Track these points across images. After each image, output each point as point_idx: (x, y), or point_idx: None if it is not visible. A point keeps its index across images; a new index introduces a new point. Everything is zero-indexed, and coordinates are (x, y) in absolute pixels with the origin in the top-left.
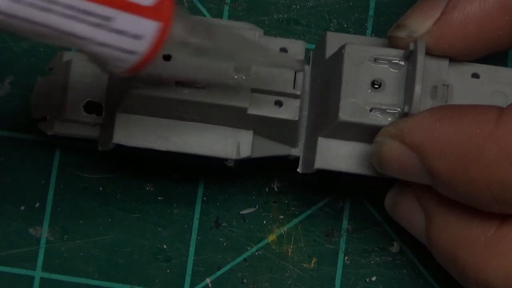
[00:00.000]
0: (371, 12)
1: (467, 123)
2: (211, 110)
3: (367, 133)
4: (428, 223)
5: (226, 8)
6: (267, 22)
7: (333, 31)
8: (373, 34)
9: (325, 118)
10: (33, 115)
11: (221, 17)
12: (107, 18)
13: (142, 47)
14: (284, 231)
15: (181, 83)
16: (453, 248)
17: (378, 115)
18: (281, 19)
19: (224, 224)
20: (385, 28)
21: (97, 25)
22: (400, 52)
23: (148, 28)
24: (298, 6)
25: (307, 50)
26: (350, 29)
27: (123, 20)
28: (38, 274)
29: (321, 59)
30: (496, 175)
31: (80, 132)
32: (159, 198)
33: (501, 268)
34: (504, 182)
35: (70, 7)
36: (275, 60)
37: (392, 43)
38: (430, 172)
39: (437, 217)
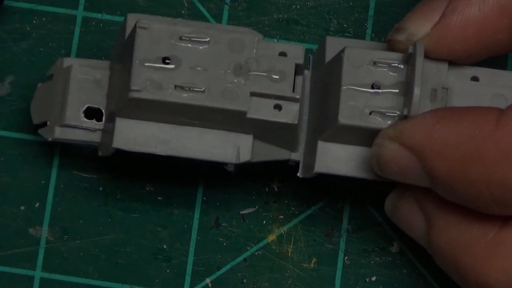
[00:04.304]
0: (371, 12)
1: (466, 124)
2: (210, 114)
3: (367, 137)
4: (429, 226)
5: (226, 8)
6: (267, 22)
7: (333, 31)
8: (373, 34)
9: (325, 122)
10: (34, 121)
11: (221, 17)
12: None
13: None
14: (284, 231)
15: (180, 87)
16: (453, 252)
17: (378, 118)
18: (281, 19)
19: (224, 224)
20: (385, 28)
21: None
22: (399, 55)
23: None
24: (298, 6)
25: (308, 51)
26: (350, 29)
27: None
28: (38, 274)
29: (321, 63)
30: (496, 176)
31: (80, 138)
32: (159, 198)
33: (503, 270)
34: (503, 183)
35: None
36: None
37: (391, 47)
38: (430, 174)
39: (438, 220)
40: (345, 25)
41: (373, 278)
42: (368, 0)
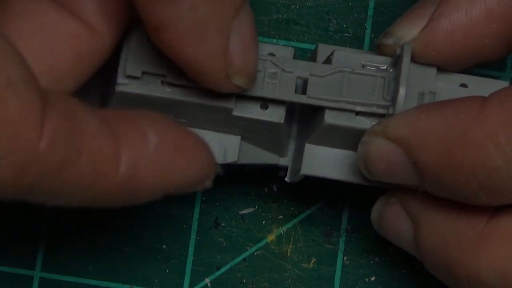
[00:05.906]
0: (370, 12)
1: (451, 110)
2: (196, 111)
3: (354, 139)
4: (416, 229)
5: None
6: (266, 22)
7: (332, 31)
8: (372, 34)
9: (312, 124)
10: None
11: None
12: None
13: None
14: (283, 231)
15: (167, 83)
16: (442, 249)
17: (364, 119)
18: (280, 19)
19: (223, 224)
20: (384, 28)
21: None
22: (388, 59)
23: None
24: (297, 6)
25: (307, 51)
26: (349, 29)
27: None
28: (38, 274)
29: None
30: (481, 159)
31: None
32: None
33: (492, 262)
34: (489, 165)
35: None
36: None
37: (380, 51)
38: (417, 166)
39: (425, 221)
40: (344, 25)
41: (373, 278)
42: (368, 0)
